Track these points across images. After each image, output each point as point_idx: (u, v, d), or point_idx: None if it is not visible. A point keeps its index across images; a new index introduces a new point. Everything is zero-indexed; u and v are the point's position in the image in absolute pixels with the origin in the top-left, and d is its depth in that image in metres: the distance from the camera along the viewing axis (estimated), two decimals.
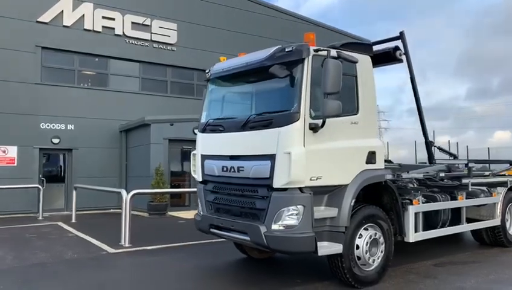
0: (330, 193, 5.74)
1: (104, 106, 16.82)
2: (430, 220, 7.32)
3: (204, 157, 6.64)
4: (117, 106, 16.96)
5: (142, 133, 15.67)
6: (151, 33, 17.99)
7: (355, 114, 5.99)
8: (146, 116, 15.12)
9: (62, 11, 16.17)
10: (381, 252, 6.05)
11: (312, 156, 5.39)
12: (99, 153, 16.66)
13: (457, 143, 27.26)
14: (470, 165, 8.00)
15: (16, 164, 15.21)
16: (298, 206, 5.30)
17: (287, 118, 5.44)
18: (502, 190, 8.49)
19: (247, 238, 5.73)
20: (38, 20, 15.77)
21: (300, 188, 5.36)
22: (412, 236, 6.51)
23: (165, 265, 7.18)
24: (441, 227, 7.39)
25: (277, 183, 5.40)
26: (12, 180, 14.60)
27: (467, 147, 30.06)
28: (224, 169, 6.17)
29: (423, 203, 6.91)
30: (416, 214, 6.62)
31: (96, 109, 16.66)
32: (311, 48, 5.54)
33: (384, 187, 6.29)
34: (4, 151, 15.03)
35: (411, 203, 6.58)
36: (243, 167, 5.88)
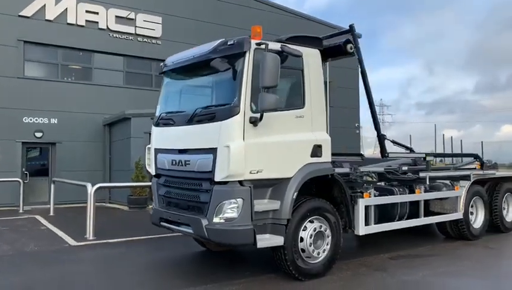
0: (274, 186, 5.77)
1: (88, 100, 16.86)
2: (386, 213, 7.34)
3: (157, 151, 6.68)
4: (101, 100, 16.99)
5: (123, 127, 15.72)
6: (136, 27, 17.98)
7: (301, 108, 6.00)
8: (126, 110, 15.16)
9: (44, 5, 16.15)
10: (327, 244, 6.08)
11: (252, 150, 5.41)
12: (83, 146, 16.73)
13: (461, 141, 27.28)
14: (428, 158, 7.98)
15: None
16: (238, 199, 5.34)
17: (227, 111, 5.47)
18: (465, 184, 8.49)
19: (191, 231, 5.79)
20: (20, 14, 15.77)
21: (240, 182, 5.39)
22: (361, 229, 6.54)
23: (120, 258, 7.26)
24: (399, 220, 7.42)
25: (218, 176, 5.44)
26: None
27: (461, 141, 30.00)
28: (174, 163, 6.22)
29: (376, 196, 6.93)
30: (367, 207, 6.65)
31: (80, 102, 16.69)
32: (253, 41, 5.54)
33: (333, 180, 6.31)
34: None
35: (362, 197, 6.60)
36: (189, 161, 5.93)
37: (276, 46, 5.70)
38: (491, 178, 9.43)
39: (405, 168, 7.98)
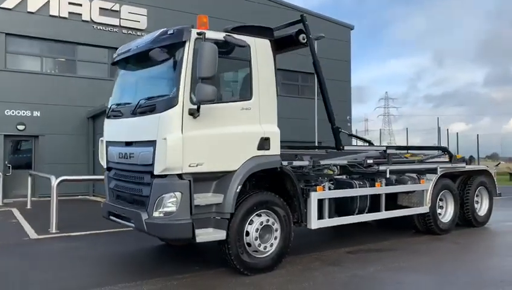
0: (218, 180, 5.66)
1: (71, 93, 16.79)
2: (345, 207, 7.24)
3: (107, 143, 6.59)
4: (85, 93, 16.90)
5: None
6: (120, 18, 17.85)
7: (248, 100, 5.86)
8: (107, 103, 15.02)
9: None
10: (276, 239, 5.97)
11: (192, 142, 5.29)
12: (67, 139, 16.69)
13: (477, 135, 26.95)
14: (389, 151, 7.82)
15: None
16: (176, 193, 5.23)
17: (166, 103, 5.35)
18: (432, 177, 8.34)
19: (133, 225, 5.70)
20: (1, 6, 15.70)
21: (179, 175, 5.28)
22: (314, 223, 6.42)
23: (73, 251, 7.20)
24: (358, 214, 7.30)
25: (156, 169, 5.33)
26: None
27: (457, 133, 29.67)
28: (121, 156, 6.12)
29: (333, 189, 6.81)
30: (320, 200, 6.52)
31: (63, 95, 16.63)
32: (194, 31, 5.41)
33: (283, 174, 6.19)
34: None
35: (315, 190, 6.48)
36: (133, 154, 5.83)
37: (219, 36, 5.56)
38: (463, 171, 9.28)
39: (370, 161, 7.84)
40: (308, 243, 7.67)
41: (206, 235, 5.45)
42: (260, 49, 6.01)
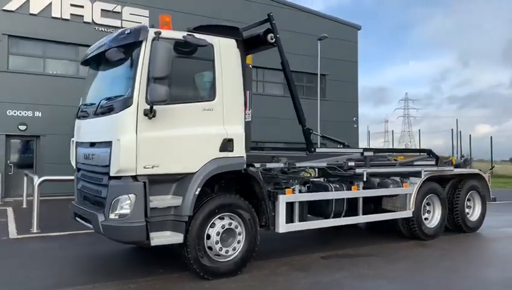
0: (178, 182, 5.56)
1: (73, 93, 16.85)
2: (319, 210, 7.08)
3: (77, 144, 6.58)
4: None
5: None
6: (122, 20, 17.94)
7: (211, 100, 5.74)
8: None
9: None
10: (239, 242, 5.84)
11: (147, 144, 5.20)
12: (68, 139, 16.78)
13: (491, 137, 26.39)
14: (366, 154, 7.58)
15: None
16: (130, 195, 5.15)
17: (122, 103, 5.30)
18: (416, 180, 8.08)
19: (92, 227, 5.65)
20: (4, 8, 15.94)
21: (134, 177, 5.20)
22: (281, 227, 6.26)
23: (47, 251, 7.21)
24: (334, 217, 7.11)
25: (111, 171, 5.27)
26: None
27: (470, 136, 28.96)
28: (85, 156, 6.10)
29: (305, 192, 6.64)
30: (289, 204, 6.36)
31: (65, 96, 16.72)
32: (151, 30, 5.32)
33: (249, 176, 6.06)
34: None
35: (284, 193, 6.32)
36: (94, 154, 5.79)
37: (178, 35, 5.47)
38: (454, 175, 8.98)
39: (352, 163, 7.63)
40: (284, 247, 7.49)
41: (162, 238, 5.35)
42: (225, 49, 5.89)
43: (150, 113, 5.11)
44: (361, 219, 7.33)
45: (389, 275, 6.03)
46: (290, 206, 6.42)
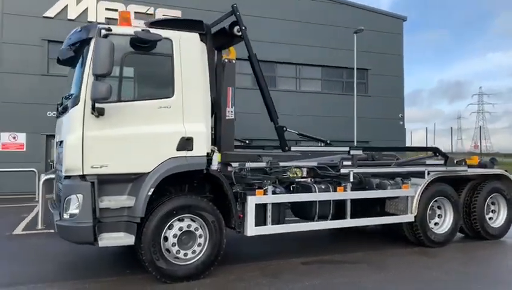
0: (134, 182, 5.41)
1: None
2: (304, 212, 6.65)
3: (56, 144, 6.69)
4: None
5: None
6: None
7: (169, 97, 5.53)
8: None
9: (67, 5, 17.10)
10: (200, 245, 5.59)
11: (94, 143, 5.10)
12: None
13: None
14: (354, 152, 6.95)
15: (24, 149, 16.61)
16: (78, 195, 5.07)
17: (72, 102, 5.29)
18: (420, 182, 7.34)
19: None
20: (44, 15, 16.85)
21: (82, 176, 5.12)
22: (250, 230, 5.91)
23: (39, 248, 7.35)
24: (319, 220, 6.63)
25: (62, 170, 5.25)
26: (22, 164, 15.90)
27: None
28: (57, 156, 6.16)
29: (279, 193, 6.23)
30: (260, 205, 5.99)
31: None
32: (100, 27, 5.20)
33: (213, 176, 5.78)
34: (14, 138, 16.47)
35: (254, 194, 5.97)
36: (60, 154, 5.82)
37: (129, 31, 5.31)
38: (472, 176, 8.10)
39: (348, 163, 7.10)
40: (266, 251, 7.18)
41: (112, 239, 5.23)
42: (185, 43, 5.65)
43: (94, 112, 5.00)
44: (348, 222, 6.76)
45: (364, 285, 5.48)
46: (262, 208, 6.06)
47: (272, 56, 20.52)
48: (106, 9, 17.58)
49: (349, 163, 7.08)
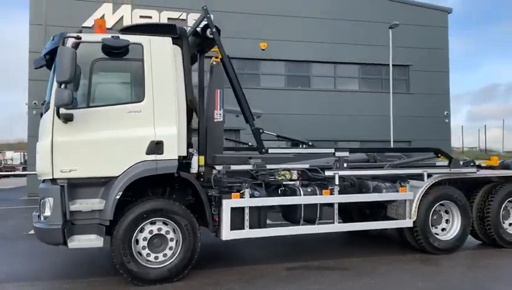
0: (106, 185, 5.53)
1: None
2: (289, 216, 6.52)
3: None
4: None
5: None
6: (187, 27, 18.62)
7: (139, 102, 5.60)
8: None
9: (103, 15, 17.92)
10: (171, 249, 5.61)
11: (64, 147, 5.28)
12: None
13: None
14: (339, 154, 6.59)
15: None
16: (49, 198, 5.28)
17: (44, 108, 5.49)
18: (420, 185, 6.88)
19: None
20: (83, 25, 17.71)
21: (54, 180, 5.31)
22: (225, 234, 5.84)
23: (42, 248, 7.71)
24: (305, 224, 6.43)
25: (37, 174, 5.48)
26: None
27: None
28: None
29: (257, 197, 6.10)
30: (237, 209, 5.90)
31: None
32: (70, 35, 5.36)
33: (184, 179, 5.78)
34: None
35: (230, 197, 5.89)
36: None
37: (97, 38, 5.45)
38: (488, 178, 7.50)
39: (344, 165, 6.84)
40: (252, 255, 7.11)
41: (82, 241, 5.38)
42: (156, 48, 5.70)
43: (59, 118, 5.16)
44: (335, 227, 6.47)
45: None
46: (241, 211, 5.97)
47: (306, 55, 20.28)
48: (140, 16, 18.22)
49: (345, 165, 6.84)
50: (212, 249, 7.20)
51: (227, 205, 5.84)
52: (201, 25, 6.39)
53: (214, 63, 6.93)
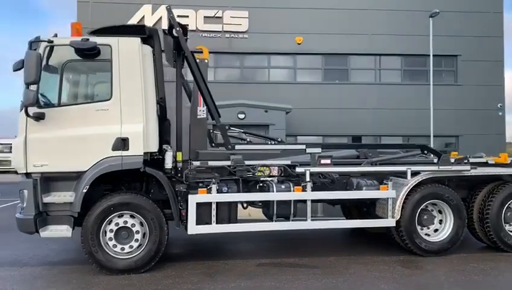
0: (78, 179, 5.89)
1: None
2: (264, 212, 6.57)
3: None
4: None
5: None
6: (223, 24, 18.99)
7: (107, 100, 5.88)
8: (186, 103, 16.28)
9: (143, 16, 18.74)
10: (137, 241, 5.86)
11: (36, 144, 5.69)
12: None
13: None
14: (310, 151, 6.39)
15: None
16: (24, 190, 5.73)
17: (20, 107, 5.90)
18: (404, 182, 6.56)
19: None
20: None
21: (28, 174, 5.75)
22: (191, 228, 5.99)
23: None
24: (279, 220, 6.41)
25: None
26: None
27: None
28: None
29: (225, 192, 6.17)
30: (205, 204, 6.02)
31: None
32: (43, 39, 5.76)
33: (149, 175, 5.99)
34: None
35: (196, 193, 6.02)
36: None
37: (66, 41, 5.79)
38: (494, 176, 7.02)
39: (326, 161, 6.74)
40: (236, 250, 7.16)
41: (53, 231, 5.78)
42: (124, 48, 5.94)
43: (28, 116, 5.56)
44: (308, 224, 6.34)
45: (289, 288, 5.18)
46: (208, 206, 6.08)
47: (344, 48, 19.79)
48: (178, 16, 18.67)
49: (328, 161, 6.72)
50: (189, 244, 7.47)
51: (193, 200, 5.97)
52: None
53: (198, 60, 7.10)
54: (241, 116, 15.84)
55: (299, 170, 6.34)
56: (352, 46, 19.59)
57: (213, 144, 6.54)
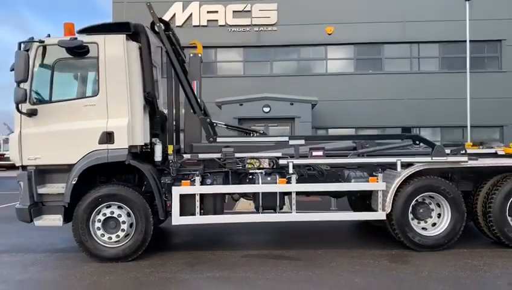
0: (70, 172, 6.21)
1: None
2: (253, 203, 6.57)
3: None
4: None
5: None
6: (252, 18, 19.02)
7: (94, 96, 6.15)
8: (216, 98, 16.47)
9: (174, 14, 19.16)
10: (123, 231, 6.09)
11: (29, 138, 6.07)
12: None
13: None
14: (293, 142, 6.25)
15: None
16: (20, 182, 6.14)
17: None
18: (396, 174, 6.32)
19: None
20: None
21: (24, 166, 6.15)
22: (175, 219, 6.17)
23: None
24: (266, 212, 6.42)
25: None
26: None
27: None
28: None
29: (209, 184, 6.26)
30: (188, 196, 6.15)
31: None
32: (35, 40, 6.10)
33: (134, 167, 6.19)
34: None
35: (180, 185, 6.16)
36: None
37: (53, 41, 6.09)
38: (499, 167, 6.61)
39: (319, 153, 6.66)
40: (227, 242, 7.24)
41: (47, 220, 6.15)
42: (110, 45, 6.16)
43: (20, 113, 5.94)
44: (292, 217, 6.28)
45: (261, 282, 5.18)
46: (192, 198, 6.20)
47: (376, 37, 19.18)
48: (207, 12, 19.06)
49: (320, 153, 6.63)
50: (186, 235, 7.67)
51: (176, 191, 6.12)
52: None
53: (191, 55, 7.23)
54: (266, 109, 15.84)
55: (282, 162, 6.30)
56: (386, 34, 18.93)
57: (211, 138, 6.59)
